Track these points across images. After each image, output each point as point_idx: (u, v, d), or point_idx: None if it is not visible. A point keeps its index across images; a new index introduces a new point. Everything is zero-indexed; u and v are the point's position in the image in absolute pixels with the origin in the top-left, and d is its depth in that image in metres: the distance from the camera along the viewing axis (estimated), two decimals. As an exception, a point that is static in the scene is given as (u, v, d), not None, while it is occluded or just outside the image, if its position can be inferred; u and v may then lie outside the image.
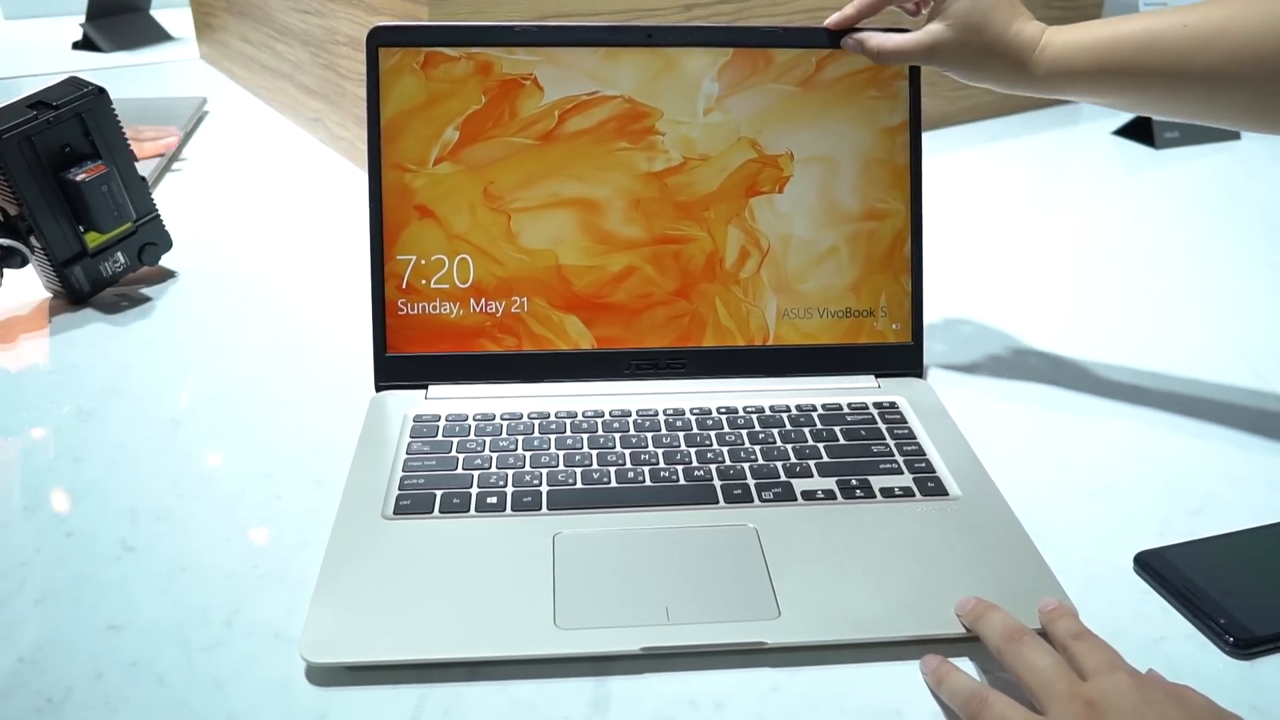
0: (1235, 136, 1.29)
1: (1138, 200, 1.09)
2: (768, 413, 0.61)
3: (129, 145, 0.77)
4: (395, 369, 0.64)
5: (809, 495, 0.54)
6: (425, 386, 0.63)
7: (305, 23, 1.14)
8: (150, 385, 0.67)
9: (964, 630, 0.45)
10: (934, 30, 0.59)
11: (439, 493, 0.54)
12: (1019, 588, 0.48)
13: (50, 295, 0.78)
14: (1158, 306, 0.82)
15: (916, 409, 0.63)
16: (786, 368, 0.66)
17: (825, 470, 0.56)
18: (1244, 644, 0.46)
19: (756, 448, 0.58)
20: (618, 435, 0.59)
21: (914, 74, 0.65)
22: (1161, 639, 0.47)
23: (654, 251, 0.65)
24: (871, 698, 0.44)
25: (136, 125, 1.03)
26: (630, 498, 0.54)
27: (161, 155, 1.07)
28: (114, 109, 0.76)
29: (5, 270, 0.73)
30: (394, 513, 0.52)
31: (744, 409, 0.62)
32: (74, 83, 0.75)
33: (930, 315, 0.68)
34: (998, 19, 0.58)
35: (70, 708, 0.42)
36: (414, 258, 0.63)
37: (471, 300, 0.64)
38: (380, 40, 0.62)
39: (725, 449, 0.58)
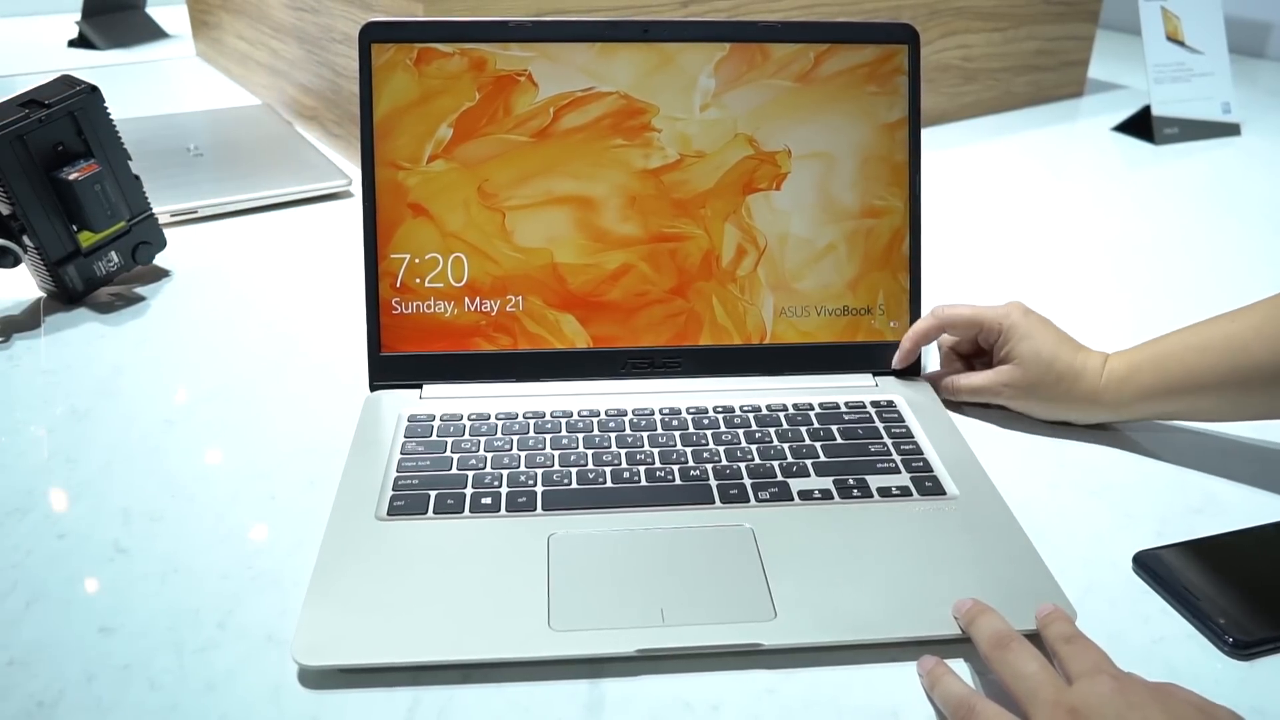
0: (1235, 132, 1.28)
1: (1138, 196, 1.08)
2: (764, 412, 0.61)
3: (122, 144, 0.77)
4: (389, 368, 0.63)
5: (806, 495, 0.54)
6: (420, 386, 0.63)
7: (301, 20, 1.13)
8: (144, 385, 0.67)
9: (961, 632, 0.45)
10: (1005, 371, 0.62)
11: (433, 493, 0.53)
12: (1017, 588, 0.48)
13: (44, 295, 0.78)
14: (1158, 302, 0.81)
15: (914, 408, 0.62)
16: (783, 366, 0.65)
17: (822, 470, 0.56)
18: (1243, 644, 0.46)
19: (753, 447, 0.58)
20: (613, 435, 0.58)
21: (913, 70, 0.65)
22: (1160, 639, 0.47)
23: (650, 249, 0.64)
24: (868, 699, 0.43)
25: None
26: (626, 498, 0.54)
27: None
28: (106, 107, 0.75)
29: (-2, 269, 0.73)
30: (388, 513, 0.52)
31: (741, 408, 0.61)
32: (66, 81, 0.75)
33: (929, 314, 0.67)
34: (1062, 352, 0.60)
35: (61, 711, 0.42)
36: (408, 256, 0.63)
37: (466, 299, 0.63)
38: (373, 36, 0.62)
39: (721, 448, 0.58)
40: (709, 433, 0.59)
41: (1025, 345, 0.60)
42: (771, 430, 0.59)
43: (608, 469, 0.55)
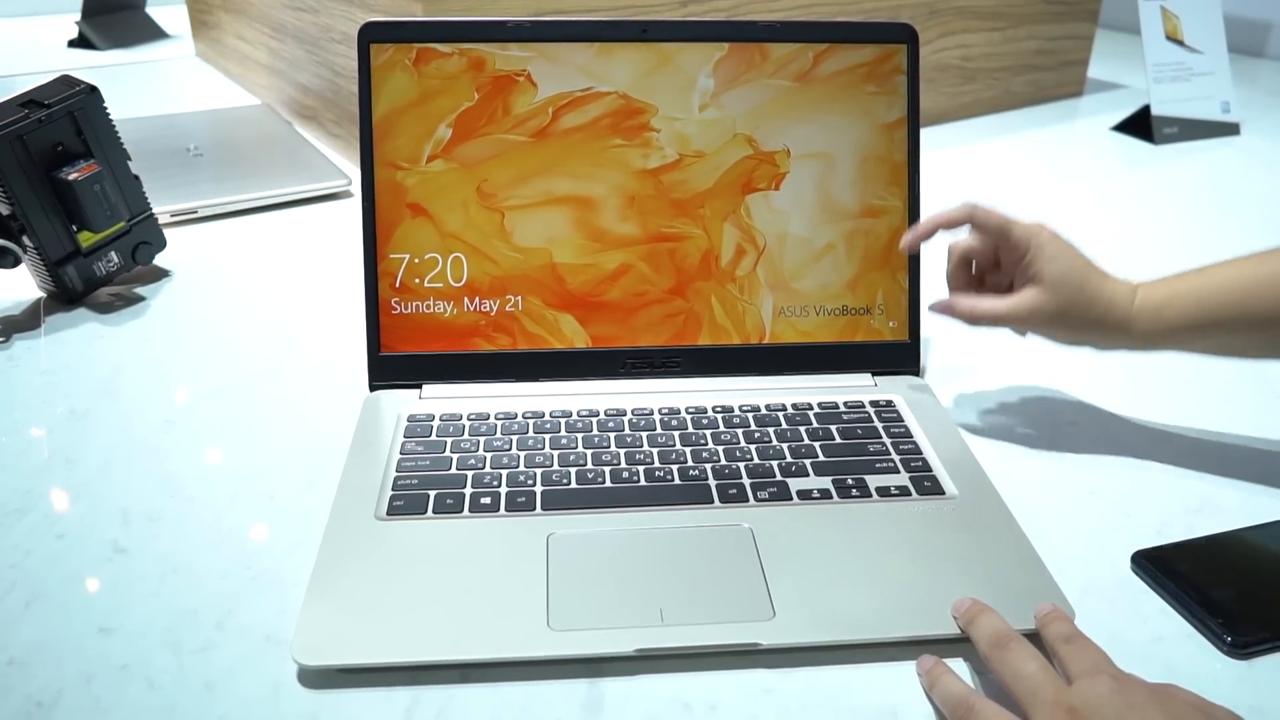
0: (1235, 131, 1.28)
1: (1137, 195, 1.08)
2: (764, 411, 0.61)
3: (122, 144, 0.77)
4: (389, 368, 0.63)
5: (805, 495, 0.54)
6: (419, 386, 0.63)
7: (301, 20, 1.13)
8: (144, 385, 0.67)
9: (960, 631, 0.45)
10: (1031, 295, 0.57)
11: (432, 493, 0.53)
12: (1016, 588, 0.48)
13: (43, 295, 0.78)
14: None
15: (913, 407, 0.62)
16: (783, 366, 0.65)
17: (821, 469, 0.56)
18: (1241, 644, 0.46)
19: (752, 447, 0.58)
20: (612, 435, 0.58)
21: (912, 69, 0.65)
22: (1159, 639, 0.47)
23: (649, 249, 0.64)
24: (867, 699, 0.44)
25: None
26: (625, 497, 0.54)
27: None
28: (106, 107, 0.75)
29: (-2, 270, 0.73)
30: (387, 513, 0.52)
31: (740, 408, 0.61)
32: (66, 81, 0.75)
33: (927, 313, 0.67)
34: (1092, 277, 0.57)
35: (60, 711, 0.42)
36: (407, 256, 0.63)
37: (465, 299, 0.63)
38: (372, 36, 0.62)
39: (721, 448, 0.58)
40: (708, 432, 0.59)
41: (1054, 267, 0.56)
42: (770, 430, 0.59)
43: (607, 469, 0.55)
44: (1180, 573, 0.50)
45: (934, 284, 0.66)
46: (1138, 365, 0.71)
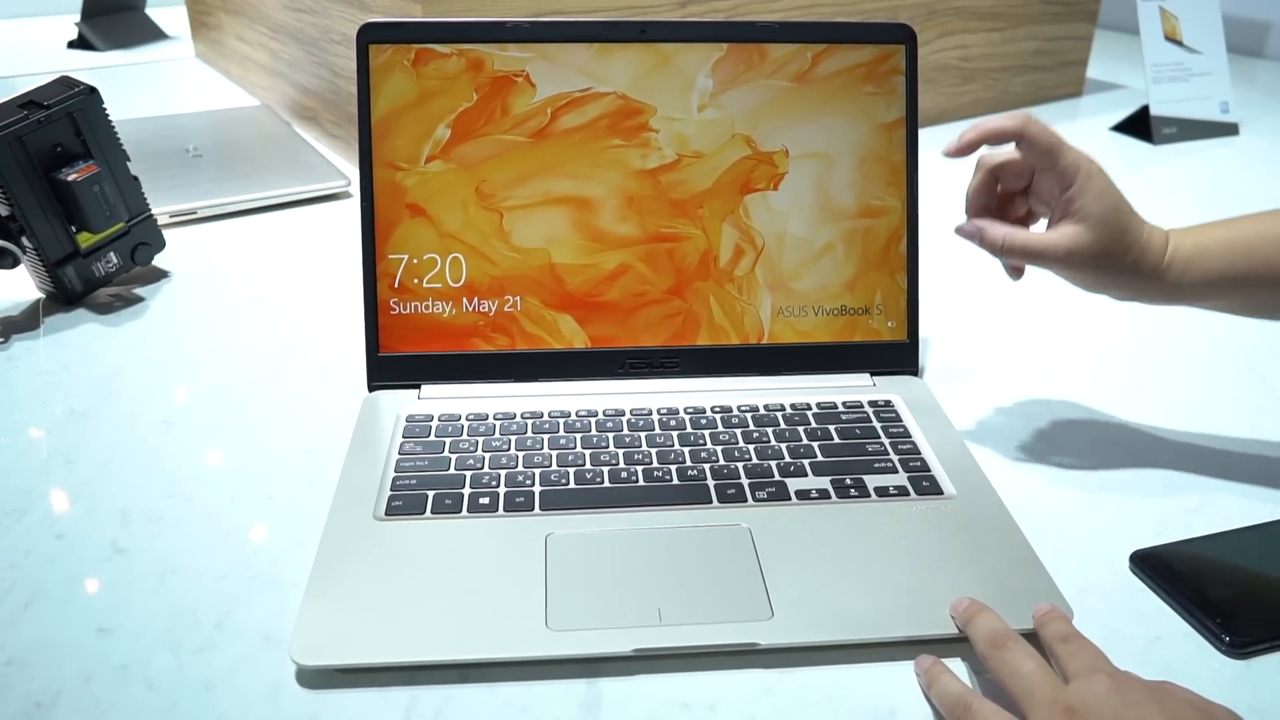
0: (1234, 131, 1.28)
1: (1136, 195, 1.07)
2: (762, 412, 0.61)
3: (121, 145, 0.77)
4: (388, 369, 0.63)
5: (803, 495, 0.54)
6: (418, 386, 0.63)
7: (300, 21, 1.13)
8: (143, 386, 0.67)
9: (958, 631, 0.45)
10: (1072, 232, 0.53)
11: (431, 493, 0.53)
12: (1014, 588, 0.48)
13: (42, 295, 0.78)
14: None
15: (912, 407, 0.62)
16: (781, 366, 0.65)
17: (820, 469, 0.56)
18: (1240, 643, 0.46)
19: (751, 447, 0.58)
20: (611, 435, 0.58)
21: (911, 70, 0.65)
22: (1157, 639, 0.47)
23: (648, 250, 0.64)
24: (865, 699, 0.44)
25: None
26: (623, 498, 0.54)
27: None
28: (105, 108, 0.76)
29: (-3, 270, 0.73)
30: (386, 513, 0.52)
31: (738, 408, 0.61)
32: (65, 82, 0.75)
33: (926, 313, 0.68)
34: (1133, 221, 0.54)
35: (59, 711, 0.42)
36: (406, 257, 0.63)
37: (464, 299, 0.63)
38: (370, 37, 0.62)
39: (719, 448, 0.58)
40: (706, 433, 0.59)
41: (1101, 204, 0.52)
42: (769, 430, 0.59)
43: (605, 469, 0.56)
44: (1179, 572, 0.50)
45: (933, 284, 0.67)
46: (1136, 365, 0.71)
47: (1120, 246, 0.53)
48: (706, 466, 0.56)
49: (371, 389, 0.63)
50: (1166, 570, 0.50)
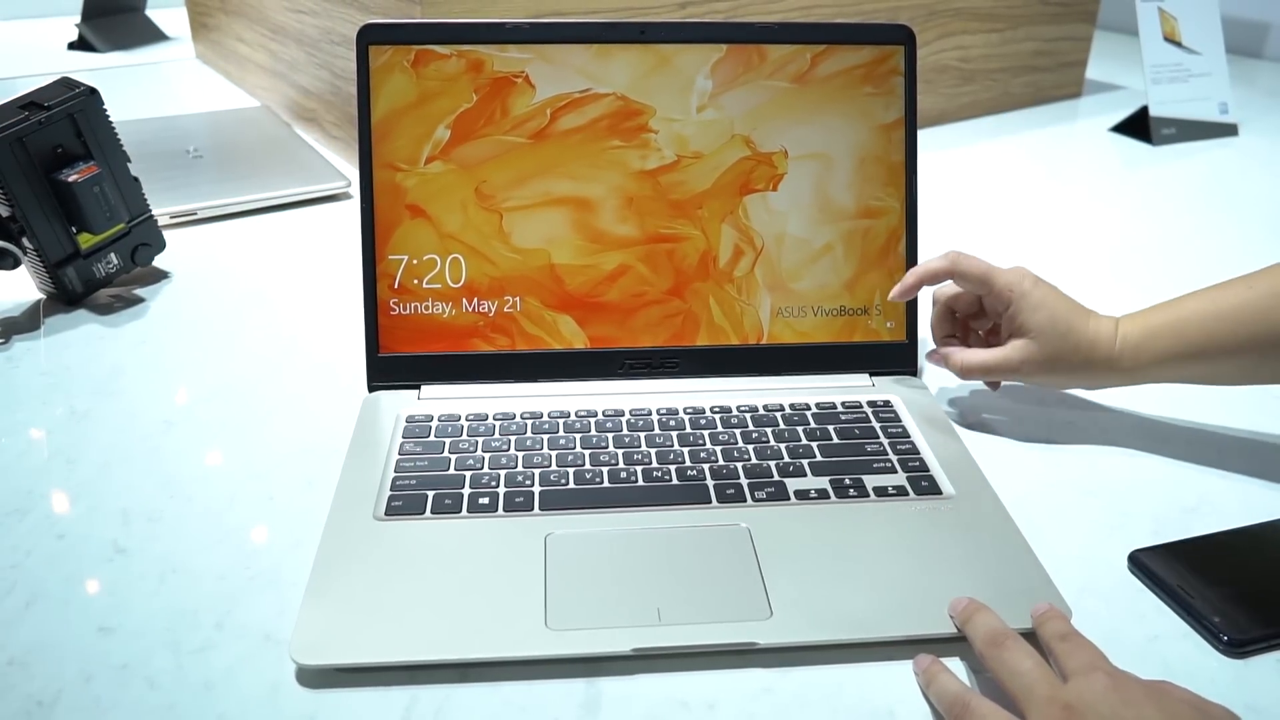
0: (1233, 132, 1.28)
1: (1136, 196, 1.08)
2: (761, 412, 0.61)
3: (122, 146, 0.77)
4: (388, 369, 0.63)
5: (802, 494, 0.54)
6: (418, 387, 0.63)
7: (300, 22, 1.14)
8: (143, 386, 0.67)
9: (956, 630, 0.45)
10: (1020, 345, 0.59)
11: (431, 493, 0.54)
12: (1013, 587, 0.48)
13: (43, 296, 0.78)
14: (1153, 303, 0.81)
15: (910, 407, 0.62)
16: (780, 366, 0.65)
17: (819, 469, 0.56)
18: (1237, 643, 0.46)
19: (750, 447, 0.58)
20: (610, 435, 0.58)
21: (910, 71, 0.65)
22: (1155, 638, 0.47)
23: (647, 250, 0.64)
24: (864, 698, 0.44)
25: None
26: (623, 498, 0.54)
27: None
28: (106, 110, 0.76)
29: (-2, 271, 0.73)
30: (386, 513, 0.52)
31: (738, 408, 0.61)
32: (66, 83, 0.75)
33: (925, 313, 0.68)
34: (1076, 320, 0.58)
35: (60, 710, 0.42)
36: (406, 257, 0.63)
37: (464, 300, 0.64)
38: (370, 38, 0.62)
39: (719, 448, 0.58)
40: (706, 433, 0.59)
41: (1039, 316, 0.58)
42: (768, 430, 0.60)
43: (605, 469, 0.56)
44: (1177, 572, 0.50)
45: (931, 285, 0.67)
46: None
47: (1067, 348, 0.58)
48: (706, 466, 0.56)
49: (371, 389, 0.63)
50: (1165, 570, 0.50)
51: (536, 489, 0.54)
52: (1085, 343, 0.58)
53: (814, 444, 0.58)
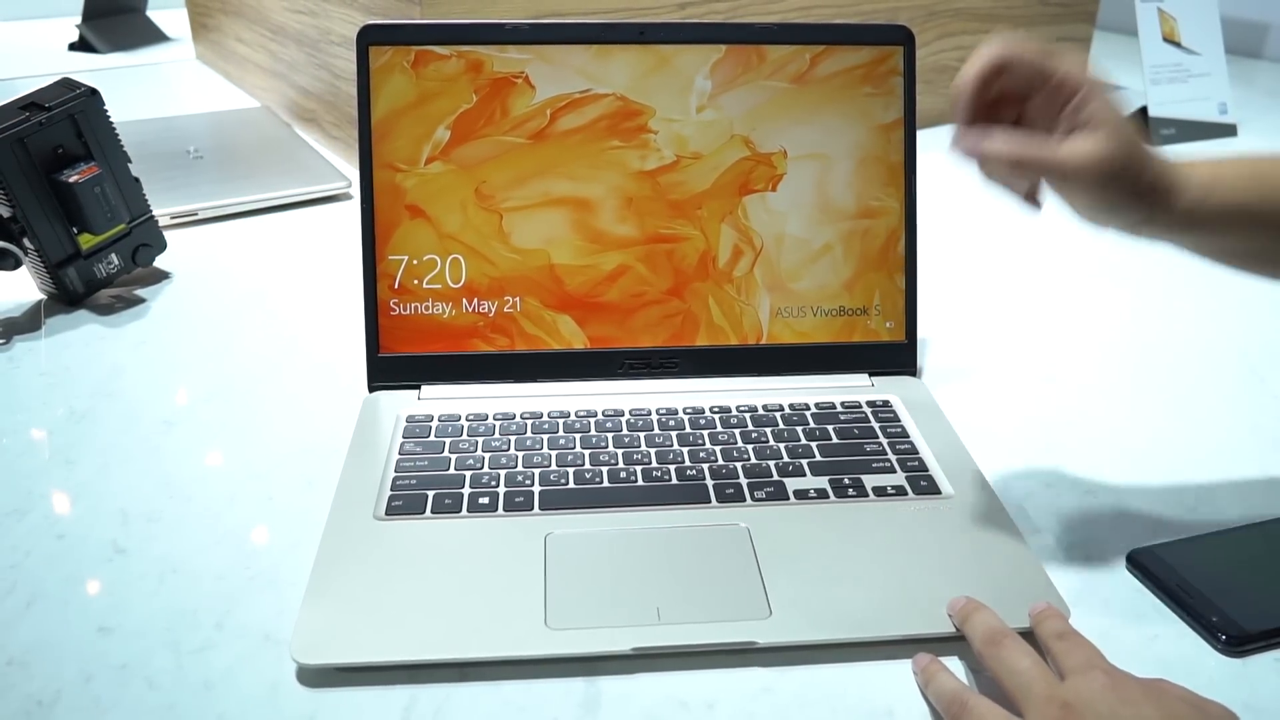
0: (1232, 133, 1.28)
1: (1135, 197, 1.08)
2: (761, 412, 0.61)
3: (122, 146, 0.77)
4: (388, 369, 0.63)
5: (801, 494, 0.54)
6: (418, 387, 0.63)
7: (300, 23, 1.14)
8: (143, 386, 0.67)
9: (955, 629, 0.45)
10: (1090, 141, 0.45)
11: (431, 493, 0.54)
12: (1011, 586, 0.48)
13: (44, 297, 0.78)
14: (1153, 303, 0.81)
15: (910, 407, 0.63)
16: (780, 366, 0.65)
17: (818, 469, 0.56)
18: (1236, 642, 0.46)
19: (749, 447, 0.58)
20: (610, 435, 0.59)
21: (909, 71, 0.65)
22: (1154, 637, 0.47)
23: (647, 250, 0.64)
24: (863, 697, 0.44)
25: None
26: (622, 497, 0.54)
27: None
28: (106, 110, 0.76)
29: (-1, 272, 0.73)
30: (386, 513, 0.52)
31: (737, 408, 0.62)
32: (66, 84, 0.75)
33: (924, 313, 0.68)
34: (1142, 136, 0.47)
35: (59, 710, 0.42)
36: (406, 258, 0.63)
37: (464, 300, 0.64)
38: (370, 39, 0.62)
39: (718, 448, 0.58)
40: (705, 433, 0.59)
41: (1114, 112, 0.45)
42: (768, 430, 0.60)
43: (604, 469, 0.56)
44: (1175, 571, 0.50)
45: (932, 285, 0.67)
46: (1134, 363, 0.71)
47: (1137, 158, 0.46)
48: (705, 466, 0.56)
49: (371, 389, 0.63)
50: (1163, 569, 0.50)
51: (536, 489, 0.54)
52: (1154, 159, 0.46)
53: (813, 444, 0.59)
